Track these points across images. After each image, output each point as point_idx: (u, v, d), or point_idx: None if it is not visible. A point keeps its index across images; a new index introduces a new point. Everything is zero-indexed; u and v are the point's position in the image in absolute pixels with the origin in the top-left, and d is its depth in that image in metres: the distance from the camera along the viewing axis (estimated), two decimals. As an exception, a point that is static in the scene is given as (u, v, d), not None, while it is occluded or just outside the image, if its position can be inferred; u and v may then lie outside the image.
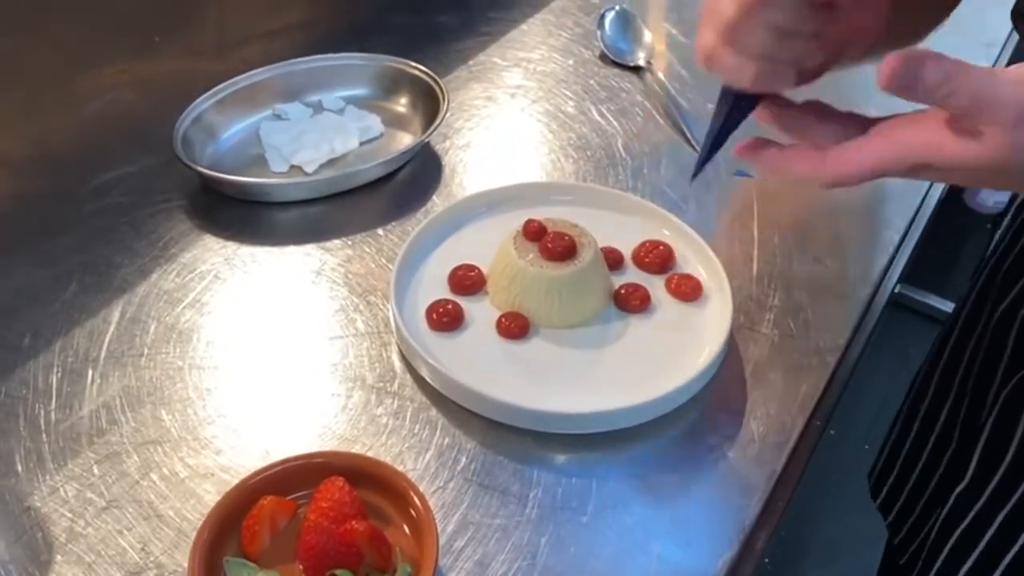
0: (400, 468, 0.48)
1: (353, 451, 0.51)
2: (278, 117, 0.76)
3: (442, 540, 0.47)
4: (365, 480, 0.45)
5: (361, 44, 0.84)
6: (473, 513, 0.48)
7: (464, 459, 0.51)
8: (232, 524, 0.44)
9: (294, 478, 0.46)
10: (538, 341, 0.57)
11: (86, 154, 0.73)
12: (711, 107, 0.84)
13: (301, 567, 0.43)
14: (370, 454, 0.51)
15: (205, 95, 0.73)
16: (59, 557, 0.46)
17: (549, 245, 0.57)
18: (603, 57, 0.89)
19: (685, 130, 0.78)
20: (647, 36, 0.90)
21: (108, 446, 0.51)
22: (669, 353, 0.56)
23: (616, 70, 0.87)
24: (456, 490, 0.50)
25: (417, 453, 0.51)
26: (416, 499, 0.44)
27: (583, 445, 0.52)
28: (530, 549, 0.47)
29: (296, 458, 0.46)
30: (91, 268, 0.63)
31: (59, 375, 0.56)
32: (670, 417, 0.54)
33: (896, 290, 0.68)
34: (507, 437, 0.52)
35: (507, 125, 0.80)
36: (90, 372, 0.56)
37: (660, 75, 0.85)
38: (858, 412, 1.20)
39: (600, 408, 0.52)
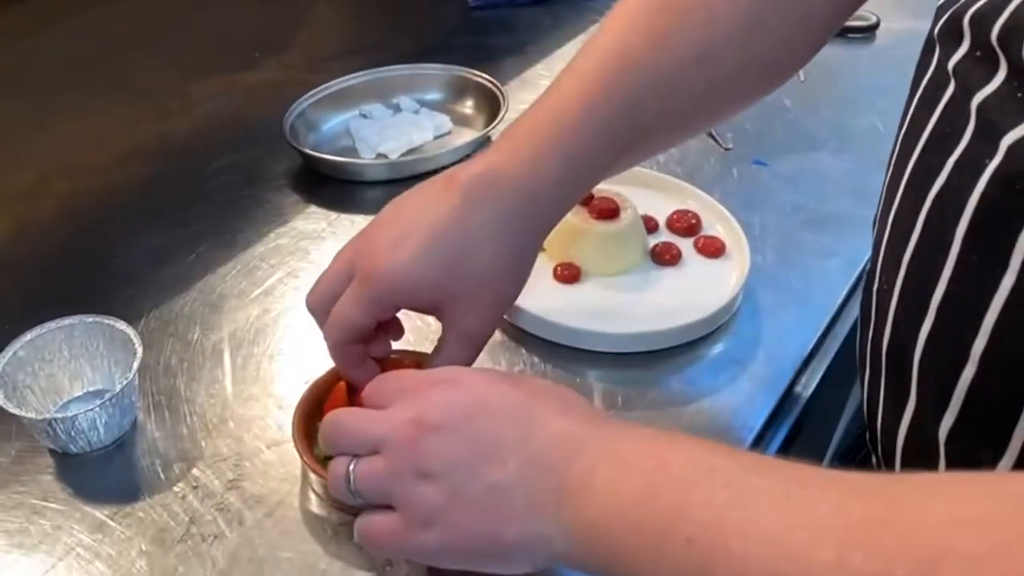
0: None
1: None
2: (364, 116, 0.90)
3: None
4: None
5: (427, 60, 0.99)
6: None
7: (530, 372, 0.63)
8: (325, 398, 0.56)
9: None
10: (588, 286, 0.69)
11: (205, 145, 0.87)
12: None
13: None
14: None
15: (307, 95, 0.88)
16: (215, 433, 0.58)
17: (597, 206, 0.70)
18: (638, 71, 1.02)
19: (712, 130, 0.91)
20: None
21: (244, 357, 0.64)
22: (697, 296, 0.68)
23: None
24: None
25: (488, 364, 0.63)
26: None
27: (621, 364, 0.64)
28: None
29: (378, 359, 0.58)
30: (217, 231, 0.76)
31: (201, 307, 0.69)
32: (699, 343, 0.65)
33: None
34: (564, 354, 0.64)
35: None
36: (224, 305, 0.69)
37: (688, 86, 0.98)
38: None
39: (642, 330, 0.64)
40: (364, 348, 0.53)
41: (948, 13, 0.44)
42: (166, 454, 0.57)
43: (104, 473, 0.56)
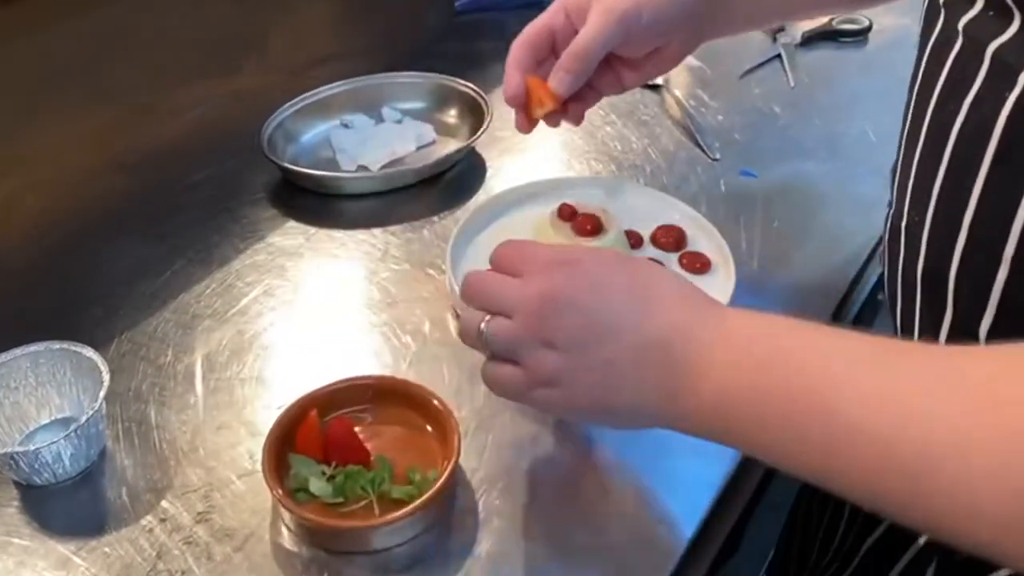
0: (454, 400, 0.59)
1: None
2: (346, 126, 0.88)
3: (482, 455, 0.57)
4: (400, 398, 0.57)
5: (413, 67, 0.97)
6: (500, 429, 0.59)
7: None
8: (295, 428, 0.55)
9: (344, 395, 0.57)
10: (570, 305, 0.68)
11: (184, 156, 0.85)
12: (721, 118, 0.95)
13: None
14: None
15: (285, 105, 0.86)
16: (184, 463, 0.57)
17: (580, 223, 0.68)
18: (626, 77, 1.01)
19: (697, 138, 0.89)
20: (665, 59, 1.01)
21: (217, 382, 0.63)
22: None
23: (638, 89, 0.99)
24: (495, 410, 0.60)
25: (471, 388, 0.62)
26: (438, 404, 0.55)
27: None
28: (551, 462, 0.57)
29: (344, 380, 0.58)
30: (193, 246, 0.75)
31: (174, 328, 0.67)
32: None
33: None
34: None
35: (541, 135, 0.91)
36: (199, 326, 0.67)
37: (677, 93, 0.97)
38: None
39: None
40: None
41: None
42: (134, 484, 0.56)
43: (71, 505, 0.55)
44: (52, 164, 0.78)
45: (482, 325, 0.49)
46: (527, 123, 0.66)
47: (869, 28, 1.07)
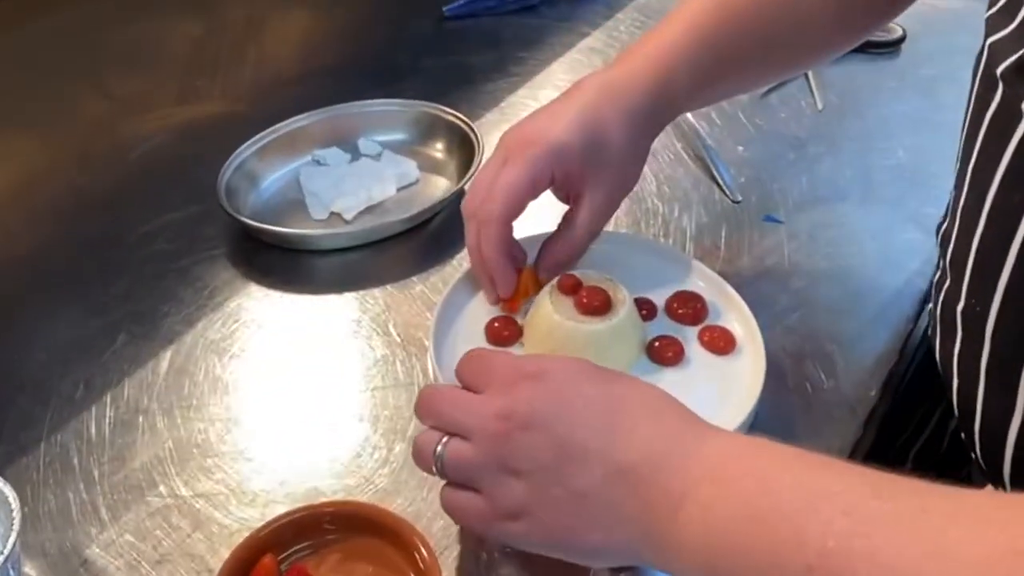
0: (443, 521, 0.50)
1: (369, 501, 0.52)
2: (317, 162, 0.78)
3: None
4: (375, 528, 0.47)
5: (394, 86, 0.86)
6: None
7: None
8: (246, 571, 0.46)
9: (306, 525, 0.48)
10: (574, 394, 0.58)
11: (133, 201, 0.75)
12: (741, 149, 0.86)
13: None
14: (411, 508, 0.52)
15: (247, 143, 0.76)
16: (116, 610, 0.48)
17: (584, 300, 0.59)
18: (633, 97, 0.90)
19: (715, 174, 0.79)
20: (677, 76, 0.91)
21: (160, 499, 0.53)
22: (702, 407, 0.57)
23: (647, 111, 0.89)
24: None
25: (458, 508, 0.53)
26: (422, 548, 0.46)
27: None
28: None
29: (299, 510, 0.48)
30: (139, 318, 0.65)
31: (111, 426, 0.58)
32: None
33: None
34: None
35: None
36: (141, 422, 0.58)
37: (690, 117, 0.86)
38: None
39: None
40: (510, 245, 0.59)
41: (1016, 55, 0.46)
42: (56, 644, 0.47)
43: (-23, 672, 0.46)
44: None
45: (438, 448, 0.45)
46: (514, 307, 0.62)
47: (903, 39, 0.96)
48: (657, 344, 0.61)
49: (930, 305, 0.59)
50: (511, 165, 0.56)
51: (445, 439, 0.45)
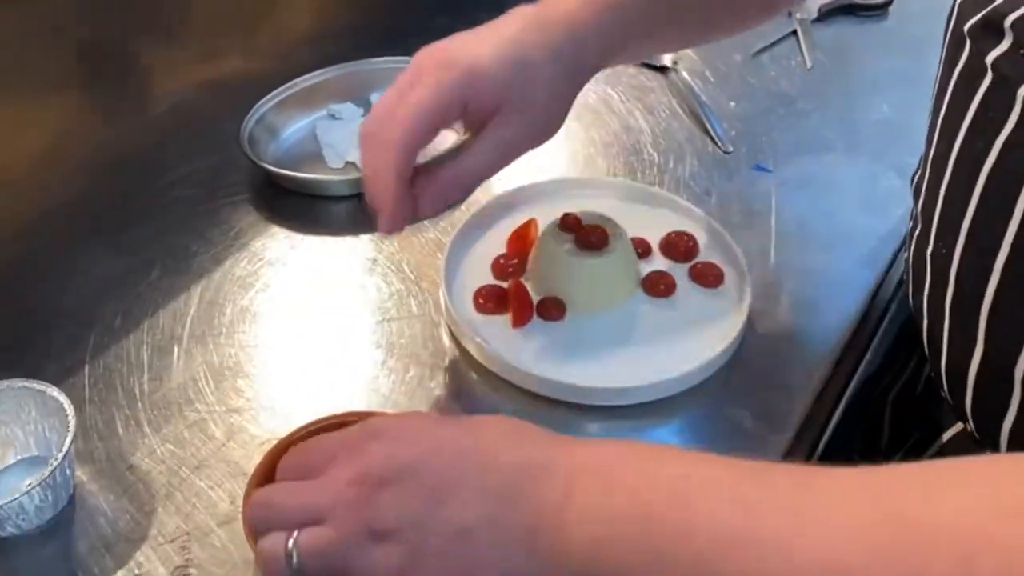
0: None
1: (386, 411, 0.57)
2: (332, 116, 0.82)
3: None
4: None
5: (404, 46, 0.90)
6: None
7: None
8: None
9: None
10: (573, 323, 0.63)
11: (159, 154, 0.80)
12: (733, 104, 0.90)
13: None
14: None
15: (266, 97, 0.80)
16: (160, 508, 0.53)
17: (584, 236, 0.64)
18: (631, 57, 0.94)
19: (708, 127, 0.83)
20: (673, 37, 0.95)
21: (196, 413, 0.58)
22: (692, 335, 0.62)
23: (643, 69, 0.93)
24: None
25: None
26: None
27: (614, 416, 0.58)
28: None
29: (329, 418, 0.52)
30: (170, 256, 0.70)
31: (149, 351, 0.63)
32: (693, 391, 0.60)
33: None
34: (544, 408, 0.59)
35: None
36: (176, 348, 0.63)
37: (684, 74, 0.91)
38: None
39: (630, 383, 0.58)
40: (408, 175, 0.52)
41: (982, 13, 0.48)
42: (107, 534, 0.52)
43: (38, 558, 0.51)
44: (19, 163, 0.72)
45: (289, 544, 0.39)
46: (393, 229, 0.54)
47: (890, 1, 1.00)
48: (651, 278, 0.66)
49: (905, 253, 0.62)
50: (420, 87, 0.50)
51: (294, 534, 0.39)
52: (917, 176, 0.60)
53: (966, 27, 0.50)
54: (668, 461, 0.38)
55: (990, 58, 0.47)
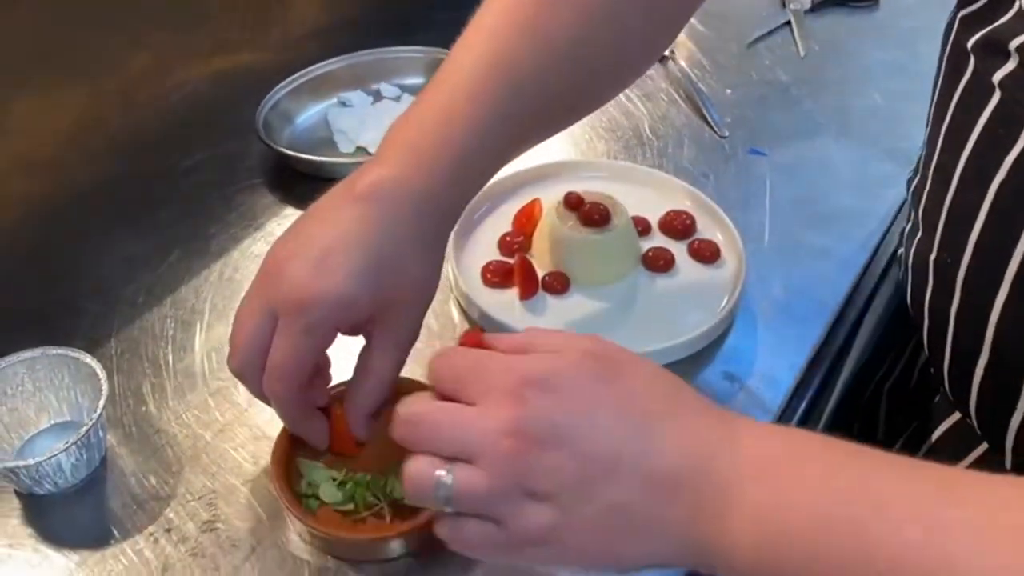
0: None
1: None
2: (343, 104, 0.86)
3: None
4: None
5: (409, 37, 0.93)
6: None
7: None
8: None
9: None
10: (577, 296, 0.66)
11: (176, 139, 0.83)
12: (729, 92, 0.93)
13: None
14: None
15: (280, 85, 0.83)
16: (187, 468, 0.56)
17: (587, 213, 0.67)
18: (631, 47, 0.97)
19: (705, 113, 0.87)
20: (671, 27, 0.98)
21: (219, 382, 0.61)
22: (690, 307, 0.65)
23: (643, 59, 0.96)
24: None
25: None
26: None
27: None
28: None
29: (346, 382, 0.54)
30: (190, 237, 0.73)
31: (172, 324, 0.66)
32: (691, 359, 0.63)
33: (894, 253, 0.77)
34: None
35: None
36: (198, 322, 0.66)
37: (682, 63, 0.94)
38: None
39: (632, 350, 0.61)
40: (308, 397, 0.50)
41: (984, 31, 0.49)
42: (138, 492, 0.55)
43: (73, 515, 0.54)
44: (42, 146, 0.75)
45: (442, 476, 0.39)
46: (349, 448, 0.53)
47: (881, -8, 1.04)
48: (651, 254, 0.69)
49: (902, 251, 0.63)
50: (285, 337, 0.46)
51: (447, 467, 0.39)
52: (916, 181, 0.60)
53: (969, 44, 0.51)
54: (839, 466, 0.37)
55: (996, 77, 0.49)
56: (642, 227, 0.71)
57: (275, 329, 0.47)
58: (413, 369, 0.61)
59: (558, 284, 0.66)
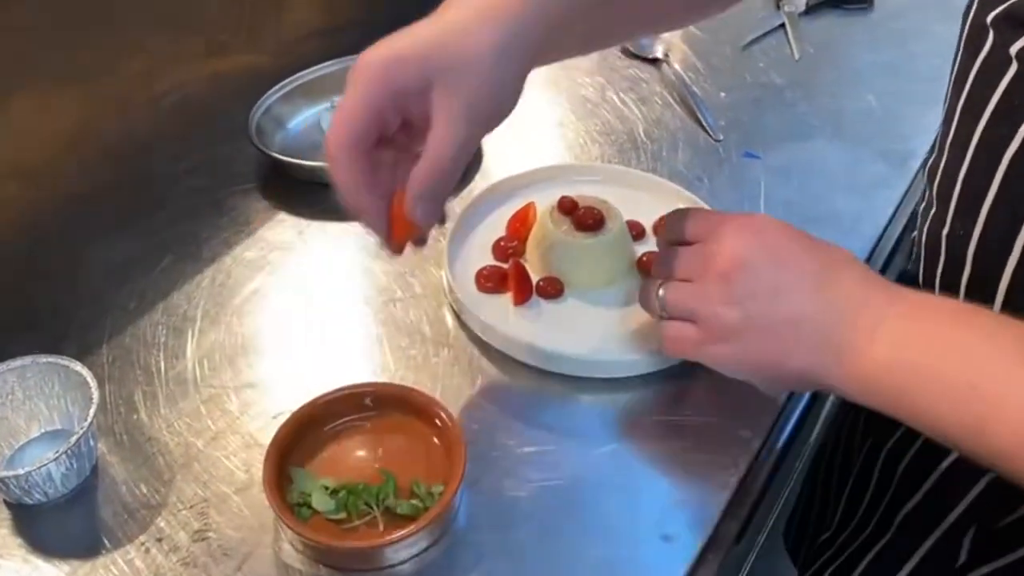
0: (454, 406, 0.58)
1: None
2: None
3: (486, 462, 0.56)
4: (401, 406, 0.56)
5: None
6: (502, 438, 0.58)
7: (506, 396, 0.60)
8: (295, 441, 0.54)
9: (343, 404, 0.56)
10: (571, 301, 0.66)
11: (168, 144, 0.82)
12: (723, 95, 0.93)
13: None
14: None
15: (272, 89, 0.83)
16: (179, 476, 0.56)
17: (581, 218, 0.66)
18: (624, 50, 0.97)
19: (700, 116, 0.86)
20: (665, 30, 0.98)
21: (211, 389, 0.61)
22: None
23: (636, 62, 0.96)
24: (496, 420, 0.59)
25: (468, 391, 0.60)
26: (444, 415, 0.54)
27: (609, 388, 0.61)
28: (555, 472, 0.56)
29: (341, 389, 0.56)
30: (182, 242, 0.72)
31: (164, 332, 0.65)
32: (687, 364, 0.62)
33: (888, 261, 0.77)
34: (543, 380, 0.61)
35: (538, 113, 0.89)
36: (190, 329, 0.65)
37: (676, 66, 0.94)
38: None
39: (625, 356, 0.61)
40: (370, 177, 0.50)
41: (1004, 6, 0.51)
42: (129, 501, 0.54)
43: (64, 524, 0.54)
44: (35, 151, 0.74)
45: (660, 291, 0.54)
46: (398, 245, 0.54)
47: (875, -5, 1.04)
48: (645, 259, 0.68)
49: (915, 233, 0.64)
50: (348, 91, 0.49)
51: (665, 284, 0.54)
52: (932, 160, 0.61)
53: (989, 18, 0.52)
54: (967, 329, 0.47)
55: (1014, 49, 0.49)
56: (636, 231, 0.71)
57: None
58: (416, 377, 0.61)
59: (552, 289, 0.66)
